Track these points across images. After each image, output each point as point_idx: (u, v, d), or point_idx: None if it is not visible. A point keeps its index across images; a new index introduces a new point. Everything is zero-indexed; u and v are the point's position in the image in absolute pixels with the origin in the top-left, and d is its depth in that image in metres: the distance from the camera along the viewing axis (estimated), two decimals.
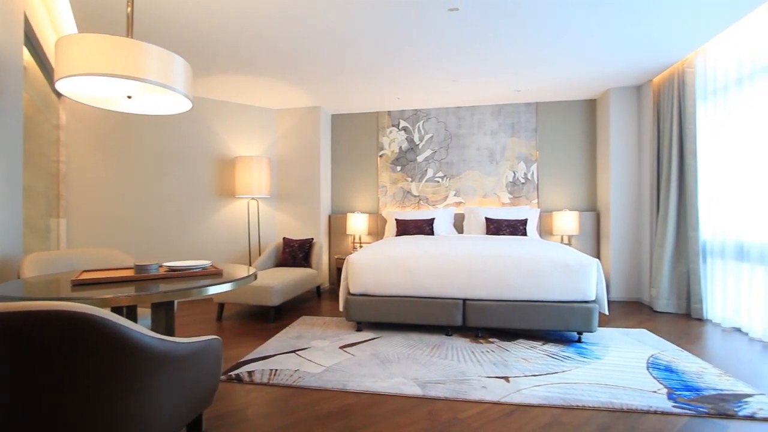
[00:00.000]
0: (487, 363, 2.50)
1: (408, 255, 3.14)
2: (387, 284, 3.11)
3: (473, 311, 2.99)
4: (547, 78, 4.10)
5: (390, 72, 3.88)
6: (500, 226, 4.41)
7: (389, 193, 5.28)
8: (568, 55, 3.51)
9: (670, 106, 3.73)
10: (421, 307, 3.07)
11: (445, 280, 3.02)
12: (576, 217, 4.56)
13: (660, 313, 3.78)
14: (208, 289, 1.46)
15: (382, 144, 5.30)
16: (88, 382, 0.96)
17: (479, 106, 5.06)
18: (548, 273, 2.89)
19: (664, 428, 1.76)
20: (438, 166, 5.16)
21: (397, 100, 4.84)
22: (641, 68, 3.85)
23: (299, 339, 3.00)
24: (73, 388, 0.94)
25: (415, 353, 2.68)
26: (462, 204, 5.10)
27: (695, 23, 2.95)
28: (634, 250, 4.37)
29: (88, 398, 0.97)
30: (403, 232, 4.58)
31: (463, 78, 4.07)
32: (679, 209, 3.70)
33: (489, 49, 3.37)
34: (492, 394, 2.07)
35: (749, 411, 1.88)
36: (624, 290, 4.38)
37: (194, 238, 4.51)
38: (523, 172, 4.97)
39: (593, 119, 4.86)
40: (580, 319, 2.84)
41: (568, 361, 2.54)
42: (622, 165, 4.42)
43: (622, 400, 2.00)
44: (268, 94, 4.53)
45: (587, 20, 2.88)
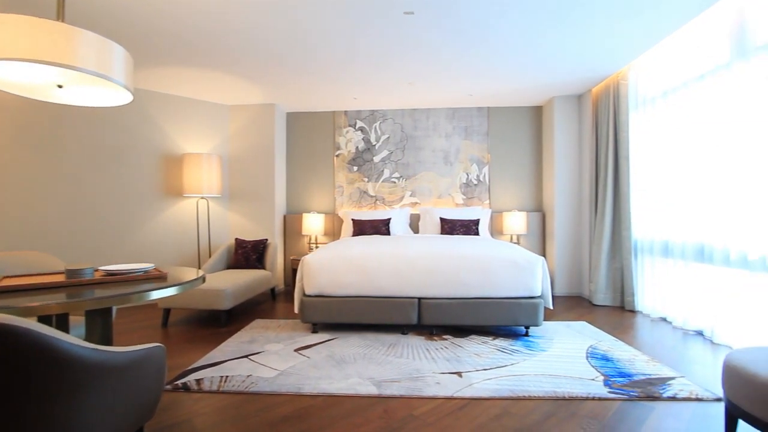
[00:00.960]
0: (441, 359, 2.56)
1: (364, 255, 3.14)
2: (343, 285, 3.09)
3: (428, 310, 3.05)
4: (497, 84, 4.27)
5: (347, 72, 3.87)
6: (454, 226, 4.54)
7: (346, 193, 5.25)
8: (516, 63, 3.68)
9: (606, 115, 4.03)
10: (377, 306, 3.08)
11: (401, 279, 3.06)
12: (524, 217, 4.79)
13: (598, 306, 4.08)
14: (150, 294, 1.38)
15: (338, 144, 5.26)
16: (10, 399, 0.87)
17: (434, 109, 5.18)
18: (498, 271, 3.01)
19: (601, 413, 1.90)
20: (394, 166, 5.21)
21: (354, 100, 4.83)
22: (581, 79, 4.13)
23: (252, 343, 2.91)
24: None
25: (372, 353, 2.69)
26: (418, 204, 5.19)
27: (627, 40, 3.20)
28: (576, 248, 4.68)
29: (11, 417, 0.88)
30: (360, 232, 4.58)
31: (419, 81, 4.14)
32: (614, 210, 4.01)
33: (443, 54, 3.46)
34: (445, 389, 2.12)
35: (672, 392, 2.07)
36: (567, 286, 4.67)
37: (137, 240, 4.22)
38: (476, 173, 5.15)
39: (539, 125, 5.14)
40: (528, 313, 2.99)
41: (516, 354, 2.67)
42: (565, 168, 4.71)
43: (565, 389, 2.13)
44: (220, 89, 4.34)
45: (532, 33, 3.04)
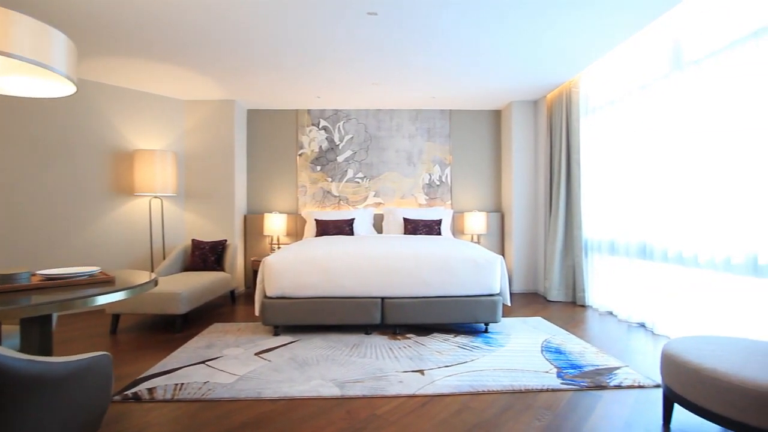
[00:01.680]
0: (404, 358, 2.59)
1: (328, 255, 3.11)
2: (306, 286, 3.05)
3: (391, 309, 3.07)
4: (459, 88, 4.38)
5: (310, 70, 3.81)
6: (417, 226, 4.60)
7: (309, 192, 5.18)
8: (476, 68, 3.79)
9: (560, 120, 4.24)
10: (340, 307, 3.06)
11: (364, 279, 3.06)
12: (484, 217, 4.95)
13: (552, 302, 4.28)
14: (95, 299, 1.29)
15: (301, 143, 5.18)
16: None
17: (398, 110, 5.23)
18: (459, 270, 3.09)
19: (555, 403, 2.00)
20: (358, 166, 5.20)
21: (317, 99, 4.78)
22: (537, 85, 4.32)
23: (210, 348, 2.80)
24: None
25: (335, 354, 2.67)
26: (381, 204, 5.21)
27: (578, 51, 3.39)
28: (532, 247, 4.89)
29: None
30: (323, 232, 4.54)
31: (383, 82, 4.16)
32: (567, 211, 4.22)
33: (406, 56, 3.50)
34: (408, 387, 2.15)
35: (617, 381, 2.22)
36: (524, 283, 4.87)
37: (82, 243, 3.94)
38: (438, 174, 5.25)
39: (498, 128, 5.32)
40: (487, 311, 3.09)
41: (476, 350, 2.75)
42: (522, 171, 4.91)
43: (521, 382, 2.22)
44: (174, 83, 4.14)
45: (491, 40, 3.14)
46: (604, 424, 1.80)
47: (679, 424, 1.79)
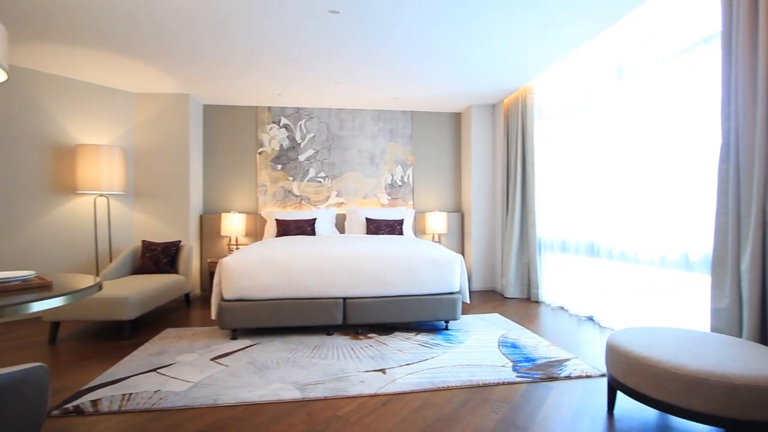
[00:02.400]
0: (365, 358, 2.59)
1: (289, 256, 3.06)
2: (265, 287, 2.97)
3: (353, 309, 3.07)
4: (420, 89, 4.45)
5: (270, 67, 3.72)
6: (379, 226, 4.62)
7: (269, 192, 5.06)
8: (437, 71, 3.87)
9: (516, 125, 4.42)
10: (301, 308, 3.02)
11: (326, 280, 3.03)
12: (445, 217, 5.06)
13: (509, 298, 4.45)
14: (30, 306, 1.19)
15: (261, 140, 5.04)
16: None
17: (360, 110, 5.22)
18: (421, 269, 3.14)
19: (510, 396, 2.08)
20: (320, 166, 5.15)
21: (278, 96, 4.67)
22: (495, 90, 4.48)
23: (162, 355, 2.66)
24: None
25: (296, 356, 2.63)
26: (344, 204, 5.19)
27: (532, 60, 3.55)
28: (490, 246, 5.06)
29: None
30: (284, 232, 4.45)
31: (345, 81, 4.14)
32: (522, 211, 4.41)
33: (369, 56, 3.51)
34: (369, 387, 2.16)
35: (567, 372, 2.35)
36: (482, 281, 5.02)
37: (16, 245, 3.61)
38: (400, 175, 5.30)
39: (459, 130, 5.46)
40: (447, 308, 3.16)
41: (436, 347, 2.80)
42: (480, 172, 5.07)
43: (479, 377, 2.29)
44: (122, 73, 3.89)
45: (451, 43, 3.22)
46: (555, 413, 1.90)
47: (621, 410, 1.93)
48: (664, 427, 1.78)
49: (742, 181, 1.93)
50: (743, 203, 1.93)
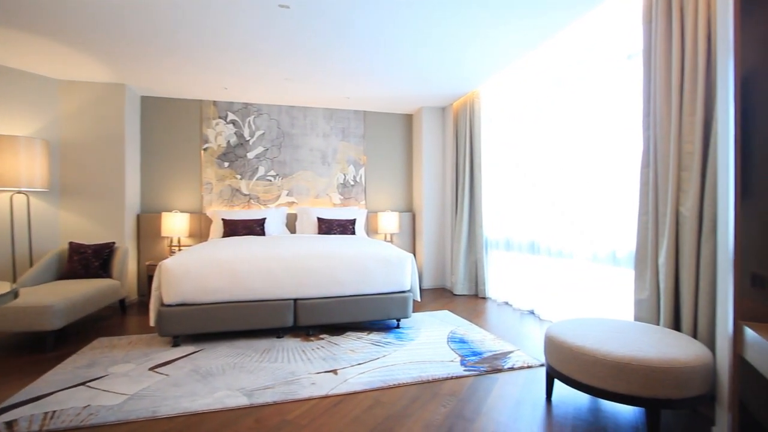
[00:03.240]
0: (317, 359, 2.56)
1: (236, 257, 2.94)
2: (210, 290, 2.84)
3: (304, 310, 3.02)
4: (372, 90, 4.47)
5: (215, 59, 3.55)
6: (331, 225, 4.58)
7: (215, 190, 4.83)
8: (389, 72, 3.91)
9: (464, 127, 4.58)
10: (250, 311, 2.92)
11: (275, 281, 2.96)
12: (397, 217, 5.12)
13: (458, 295, 4.61)
14: None
15: (206, 136, 4.80)
16: None
17: (312, 108, 5.14)
18: (372, 268, 3.16)
19: (458, 389, 2.16)
20: (270, 164, 5.00)
21: (224, 91, 4.47)
22: (445, 94, 4.61)
23: (92, 367, 2.45)
24: None
25: (243, 361, 2.54)
26: (295, 204, 5.08)
27: (479, 65, 3.70)
28: (440, 245, 5.20)
29: None
30: (231, 233, 4.27)
31: (295, 77, 4.06)
32: (470, 211, 4.58)
33: (320, 54, 3.46)
34: (320, 389, 2.13)
35: (511, 364, 2.48)
36: (433, 279, 5.15)
37: None
38: (353, 174, 5.29)
39: (410, 131, 5.56)
40: (399, 307, 3.21)
41: (388, 346, 2.84)
42: (431, 173, 5.19)
43: (429, 372, 2.35)
44: (44, 58, 3.52)
45: (403, 46, 3.27)
46: (499, 403, 2.00)
47: (558, 397, 2.07)
48: (595, 410, 1.94)
49: (659, 184, 2.15)
50: (660, 204, 2.14)
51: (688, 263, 1.96)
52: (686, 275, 1.97)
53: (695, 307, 1.95)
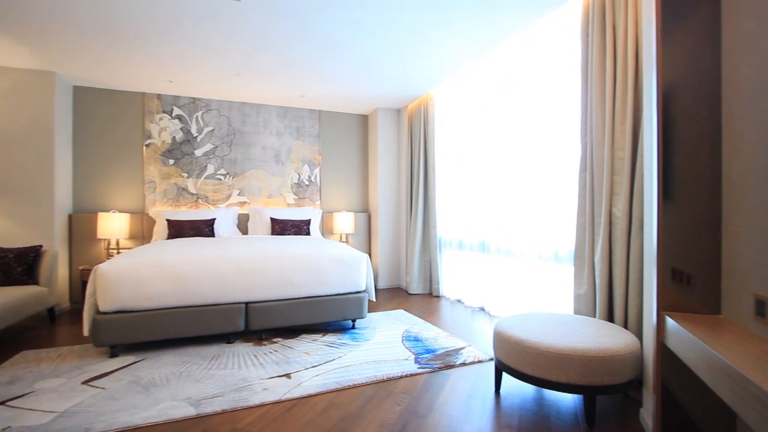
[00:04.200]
0: (270, 364, 2.50)
1: (181, 260, 2.79)
2: (153, 296, 2.67)
3: (257, 313, 2.93)
4: (328, 89, 4.43)
5: (160, 49, 3.34)
6: (285, 226, 4.48)
7: (159, 189, 4.54)
8: (344, 72, 3.89)
9: (419, 129, 4.67)
10: (197, 316, 2.78)
11: (225, 284, 2.84)
12: (352, 217, 5.12)
13: (413, 294, 4.69)
14: None
15: (149, 131, 4.50)
16: None
17: (265, 105, 5.00)
18: (327, 269, 3.13)
19: (412, 387, 2.19)
20: (220, 162, 4.79)
21: (169, 84, 4.22)
22: (400, 96, 4.67)
23: (13, 384, 2.21)
24: None
25: (190, 369, 2.41)
26: (247, 204, 4.91)
27: (433, 69, 3.78)
28: (396, 245, 5.26)
29: None
30: (177, 234, 4.04)
31: (247, 73, 3.92)
32: (424, 211, 4.68)
33: (274, 50, 3.37)
34: (273, 394, 2.08)
35: (462, 359, 2.56)
36: (388, 279, 5.20)
37: None
38: (308, 174, 5.21)
39: (366, 132, 5.57)
40: (354, 308, 3.21)
41: (343, 347, 2.82)
42: (386, 173, 5.24)
43: (384, 372, 2.37)
44: None
45: (358, 47, 3.27)
46: (451, 398, 2.06)
47: (506, 389, 2.17)
48: (539, 399, 2.06)
49: (595, 188, 2.32)
50: (596, 206, 2.32)
51: (619, 260, 2.14)
52: (618, 271, 2.14)
53: (626, 300, 2.13)
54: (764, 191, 1.27)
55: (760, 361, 1.05)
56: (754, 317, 1.30)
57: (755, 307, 1.29)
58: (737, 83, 1.44)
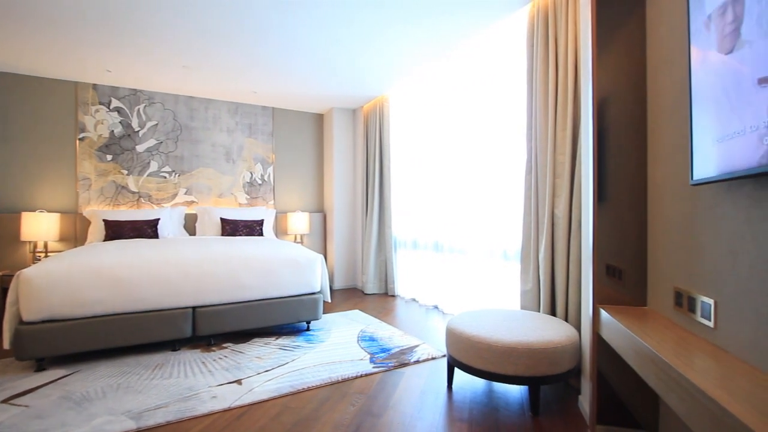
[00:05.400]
0: (219, 370, 2.39)
1: (120, 263, 2.60)
2: (87, 302, 2.46)
3: (205, 318, 2.80)
4: (282, 85, 4.32)
5: (97, 34, 3.09)
6: (237, 227, 4.32)
7: (95, 187, 4.19)
8: (298, 70, 3.82)
9: (374, 129, 4.70)
10: (138, 323, 2.60)
11: (170, 288, 2.68)
12: (307, 217, 5.04)
13: (369, 294, 4.70)
14: None
15: (83, 124, 4.15)
16: None
17: (215, 101, 4.78)
18: (280, 270, 3.06)
19: (367, 387, 2.20)
20: (165, 159, 4.52)
21: (107, 73, 3.91)
22: (355, 96, 4.67)
23: None
24: None
25: (130, 380, 2.25)
26: (195, 203, 4.67)
27: (387, 70, 3.82)
28: (351, 245, 5.25)
29: None
30: (116, 235, 3.75)
31: (195, 66, 3.73)
32: (380, 211, 4.71)
33: (221, 42, 3.24)
34: (222, 402, 2.00)
35: (417, 357, 2.61)
36: (344, 279, 5.18)
37: None
38: (260, 173, 5.06)
39: (321, 131, 5.51)
40: (309, 309, 3.16)
41: (297, 350, 2.77)
42: (342, 173, 5.22)
43: (339, 373, 2.36)
44: None
45: (313, 44, 3.23)
46: (405, 395, 2.09)
47: (458, 384, 2.24)
48: (489, 392, 2.14)
49: (539, 189, 2.46)
50: (540, 207, 2.46)
51: (560, 258, 2.28)
52: (560, 268, 2.29)
53: (566, 294, 2.28)
54: (680, 195, 1.41)
55: (678, 348, 1.16)
56: (673, 307, 1.45)
57: (674, 299, 1.43)
58: (658, 95, 1.59)
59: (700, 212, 1.29)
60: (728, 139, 1.03)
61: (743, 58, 0.98)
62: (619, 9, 1.81)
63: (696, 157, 1.20)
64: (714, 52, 1.10)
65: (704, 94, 1.15)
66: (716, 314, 1.18)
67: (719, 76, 1.08)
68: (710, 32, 1.12)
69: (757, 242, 1.02)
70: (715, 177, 1.09)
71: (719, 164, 1.07)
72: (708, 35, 1.14)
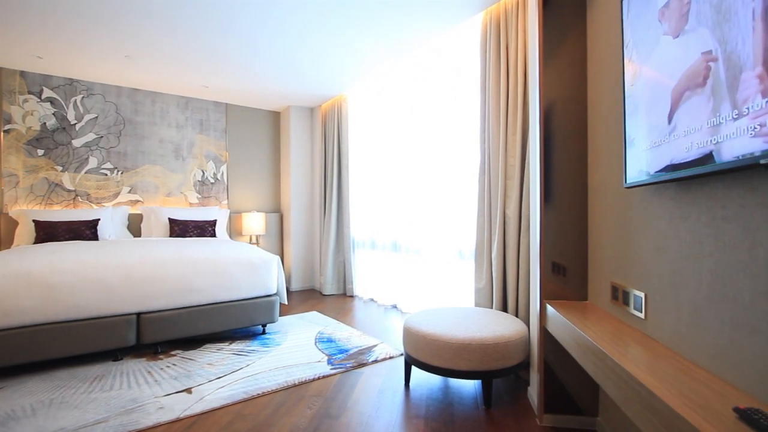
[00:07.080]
0: (166, 380, 2.27)
1: (52, 268, 2.39)
2: (13, 312, 2.24)
3: (151, 325, 2.64)
4: (235, 80, 4.16)
5: (25, 15, 2.81)
6: (187, 227, 4.11)
7: (23, 184, 3.82)
8: (253, 63, 3.70)
9: (333, 129, 4.66)
10: (74, 333, 2.40)
11: (110, 294, 2.50)
12: (263, 218, 4.90)
13: (327, 295, 4.66)
14: None
15: (9, 115, 3.76)
16: None
17: (162, 94, 4.52)
18: (234, 272, 2.95)
19: (325, 389, 2.18)
20: (105, 155, 4.20)
21: (38, 60, 3.57)
22: (313, 94, 4.60)
23: None
24: None
25: (64, 395, 2.08)
26: (140, 203, 4.39)
27: (346, 68, 3.80)
28: (309, 246, 5.17)
29: None
30: (49, 237, 3.44)
31: (139, 56, 3.50)
32: (338, 212, 4.68)
33: (173, 34, 3.07)
34: (170, 412, 1.90)
35: (375, 357, 2.62)
36: (302, 281, 5.09)
37: None
38: (213, 171, 4.85)
39: (278, 129, 5.38)
40: (264, 312, 3.07)
41: (252, 354, 2.69)
42: (299, 173, 5.12)
43: (296, 376, 2.31)
44: None
45: (269, 41, 3.15)
46: (363, 395, 2.09)
47: (415, 381, 2.28)
48: (444, 388, 2.20)
49: (492, 190, 2.56)
50: (493, 207, 2.56)
51: (511, 256, 2.39)
52: (511, 266, 2.39)
53: (517, 291, 2.38)
54: (615, 197, 1.53)
55: (614, 339, 1.26)
56: (610, 301, 1.56)
57: (611, 293, 1.55)
58: (597, 103, 1.71)
59: (633, 213, 1.40)
60: (655, 146, 1.13)
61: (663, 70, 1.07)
62: (564, 20, 1.92)
63: (629, 162, 1.30)
64: (645, 66, 1.20)
65: (636, 104, 1.26)
66: (646, 306, 1.29)
67: (648, 87, 1.18)
68: (642, 44, 1.22)
69: (678, 240, 1.13)
70: (645, 180, 1.19)
71: (648, 169, 1.17)
72: (640, 47, 1.24)
